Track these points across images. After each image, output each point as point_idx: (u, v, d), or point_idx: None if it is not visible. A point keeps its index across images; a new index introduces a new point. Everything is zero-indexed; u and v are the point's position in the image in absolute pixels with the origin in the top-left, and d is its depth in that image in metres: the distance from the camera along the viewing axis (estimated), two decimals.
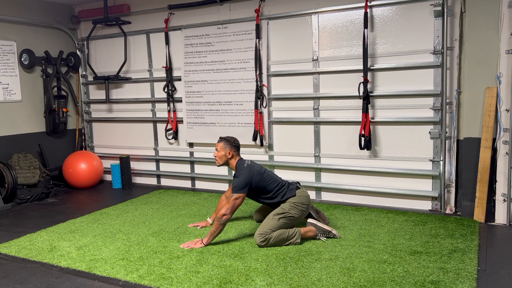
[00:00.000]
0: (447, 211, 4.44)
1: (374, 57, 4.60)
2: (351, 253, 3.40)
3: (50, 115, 6.20)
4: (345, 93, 4.75)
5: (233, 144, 3.82)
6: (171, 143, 6.02)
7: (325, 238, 3.72)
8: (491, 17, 3.97)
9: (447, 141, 4.40)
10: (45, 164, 6.08)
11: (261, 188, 3.72)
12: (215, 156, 3.85)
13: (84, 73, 6.63)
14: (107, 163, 6.44)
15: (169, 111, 5.86)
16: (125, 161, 6.00)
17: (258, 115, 5.19)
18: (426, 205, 4.55)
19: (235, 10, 5.30)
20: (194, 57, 5.60)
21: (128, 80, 6.15)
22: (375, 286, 2.86)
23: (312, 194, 5.12)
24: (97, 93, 6.58)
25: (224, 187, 5.65)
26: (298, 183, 3.92)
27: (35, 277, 3.20)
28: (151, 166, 6.25)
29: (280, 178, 3.90)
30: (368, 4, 4.49)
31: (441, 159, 4.40)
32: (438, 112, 4.36)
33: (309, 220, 3.81)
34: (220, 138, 3.88)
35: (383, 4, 4.50)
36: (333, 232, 3.74)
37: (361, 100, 4.56)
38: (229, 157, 3.79)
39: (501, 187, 4.09)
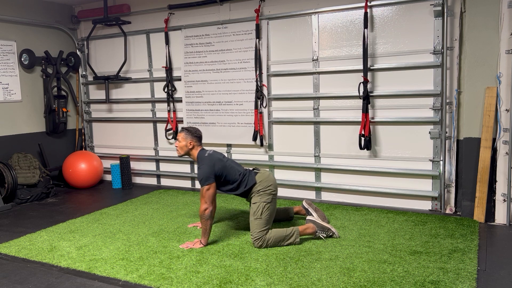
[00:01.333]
0: (447, 211, 4.44)
1: (374, 57, 4.60)
2: (351, 253, 3.40)
3: (50, 115, 6.20)
4: (345, 93, 4.76)
5: (194, 134, 3.78)
6: (171, 143, 6.02)
7: (324, 235, 3.71)
8: (491, 17, 3.97)
9: (447, 141, 4.40)
10: (45, 164, 6.08)
11: (224, 178, 3.68)
12: (176, 146, 3.81)
13: (84, 73, 6.63)
14: (107, 163, 6.44)
15: (169, 111, 5.86)
16: (125, 161, 6.00)
17: (258, 115, 5.19)
18: (426, 205, 4.55)
19: (235, 10, 5.30)
20: (194, 57, 5.60)
21: (128, 80, 6.15)
22: (375, 286, 2.86)
23: (312, 194, 5.12)
24: (97, 93, 6.58)
25: None
26: (256, 168, 3.89)
27: (35, 277, 3.20)
28: (151, 166, 6.25)
29: (242, 167, 3.86)
30: (368, 4, 4.49)
31: (441, 159, 4.40)
32: (438, 112, 4.37)
33: (308, 217, 3.81)
34: (182, 128, 3.85)
35: (383, 4, 4.50)
36: (332, 229, 3.74)
37: (361, 100, 4.56)
38: (190, 147, 3.75)
39: (501, 187, 4.09)
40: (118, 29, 6.05)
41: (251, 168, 3.90)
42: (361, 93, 4.54)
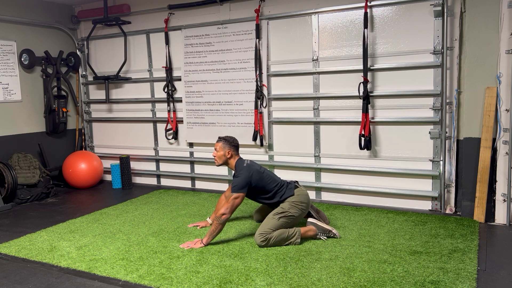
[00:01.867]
0: (447, 211, 4.44)
1: (374, 57, 4.60)
2: (351, 253, 3.40)
3: (50, 115, 6.20)
4: (345, 93, 4.76)
5: (232, 143, 3.82)
6: (171, 143, 6.02)
7: (325, 237, 3.72)
8: (491, 17, 3.97)
9: (447, 141, 4.40)
10: (45, 164, 6.08)
11: (260, 188, 3.72)
12: (214, 156, 3.84)
13: (84, 73, 6.63)
14: (107, 163, 6.44)
15: (169, 111, 5.86)
16: (125, 161, 6.00)
17: (258, 115, 5.19)
18: (426, 205, 4.55)
19: (235, 10, 5.30)
20: (194, 57, 5.60)
21: (128, 80, 6.15)
22: (375, 286, 2.86)
23: (312, 194, 5.12)
24: (97, 93, 6.58)
25: (224, 187, 5.65)
26: (297, 182, 3.92)
27: (35, 277, 3.20)
28: (151, 166, 6.25)
29: (279, 178, 3.90)
30: (368, 4, 4.49)
31: (441, 159, 4.40)
32: (438, 112, 4.37)
33: (309, 219, 3.81)
34: (219, 138, 3.87)
35: (383, 4, 4.50)
36: (333, 231, 3.74)
37: (361, 100, 4.56)
38: (228, 156, 3.79)
39: (501, 187, 4.09)
40: (118, 29, 6.05)
41: (290, 180, 3.93)
42: (361, 93, 4.54)
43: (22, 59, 5.90)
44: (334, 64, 4.82)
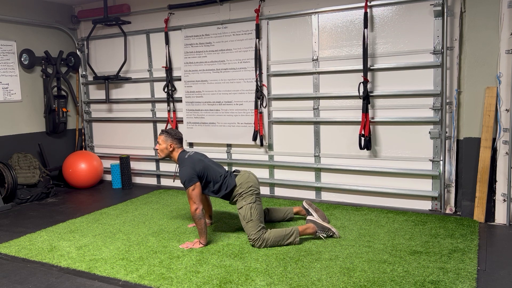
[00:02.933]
0: (447, 211, 4.44)
1: (374, 57, 4.60)
2: (351, 253, 3.40)
3: (50, 115, 6.20)
4: (345, 93, 4.76)
5: (175, 136, 3.78)
6: None
7: (325, 235, 3.71)
8: (491, 17, 3.97)
9: (447, 141, 4.41)
10: (45, 164, 6.08)
11: (205, 179, 3.68)
12: (157, 149, 3.81)
13: (84, 73, 6.63)
14: (107, 163, 6.44)
15: (169, 111, 5.86)
16: (125, 161, 6.00)
17: (258, 115, 5.19)
18: (426, 205, 4.55)
19: (235, 10, 5.30)
20: (194, 57, 5.60)
21: (128, 80, 6.15)
22: (375, 286, 2.86)
23: (312, 194, 5.12)
24: (97, 93, 6.58)
25: None
26: (236, 170, 3.90)
27: (35, 277, 3.20)
28: (151, 166, 6.25)
29: (223, 169, 3.86)
30: (368, 4, 4.49)
31: (441, 159, 4.40)
32: (438, 112, 4.37)
33: (309, 217, 3.81)
34: (162, 130, 3.84)
35: (383, 4, 4.50)
36: (332, 229, 3.74)
37: (361, 100, 4.56)
38: (170, 149, 3.76)
39: (501, 187, 4.09)
40: (118, 29, 6.05)
41: (231, 170, 3.90)
42: (361, 93, 4.54)
43: (22, 59, 5.90)
44: (334, 64, 4.82)
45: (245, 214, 3.63)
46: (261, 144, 5.26)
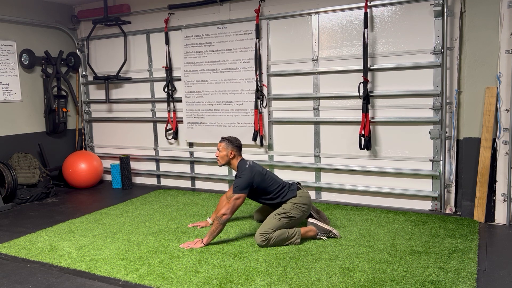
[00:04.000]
0: (447, 211, 4.44)
1: (374, 57, 4.60)
2: (351, 253, 3.40)
3: (50, 115, 6.20)
4: (345, 93, 4.76)
5: (235, 144, 3.82)
6: (171, 143, 6.02)
7: (325, 237, 3.72)
8: (491, 17, 3.97)
9: (447, 141, 4.40)
10: (45, 164, 6.08)
11: (262, 189, 3.72)
12: (217, 156, 3.84)
13: (84, 73, 6.63)
14: (107, 163, 6.44)
15: (169, 111, 5.86)
16: (125, 161, 6.00)
17: (258, 115, 5.19)
18: (426, 205, 4.55)
19: (235, 10, 5.30)
20: (194, 57, 5.60)
21: (128, 80, 6.15)
22: (375, 286, 2.86)
23: (312, 194, 5.11)
24: (97, 93, 6.58)
25: (224, 187, 5.65)
26: (299, 183, 3.92)
27: (35, 277, 3.20)
28: (151, 166, 6.25)
29: (281, 179, 3.90)
30: (368, 4, 4.49)
31: (441, 159, 4.40)
32: (438, 112, 4.37)
33: (310, 219, 3.81)
34: (222, 138, 3.87)
35: (383, 4, 4.50)
36: (333, 231, 3.74)
37: (361, 100, 4.56)
38: (230, 157, 3.80)
39: (501, 187, 4.09)
40: (118, 29, 6.05)
41: (292, 181, 3.92)
42: (361, 93, 4.54)
43: (22, 59, 5.90)
44: (334, 64, 4.82)
45: (280, 213, 3.67)
46: (261, 144, 5.26)
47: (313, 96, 4.95)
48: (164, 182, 6.19)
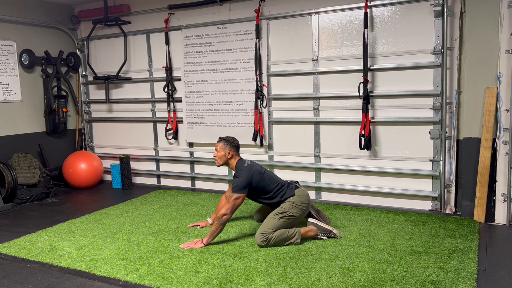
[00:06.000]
0: (447, 211, 4.44)
1: (374, 57, 4.60)
2: (351, 253, 3.40)
3: (50, 115, 6.20)
4: (345, 93, 4.76)
5: (233, 144, 3.82)
6: (171, 143, 6.02)
7: (326, 237, 3.72)
8: (491, 17, 3.97)
9: (447, 141, 4.41)
10: (45, 164, 6.08)
11: (261, 188, 3.72)
12: (215, 156, 3.84)
13: (84, 73, 6.63)
14: (107, 163, 6.44)
15: (169, 111, 5.86)
16: (125, 161, 6.00)
17: (258, 115, 5.19)
18: (426, 205, 4.55)
19: (235, 10, 5.30)
20: (194, 57, 5.60)
21: (128, 80, 6.16)
22: (375, 286, 2.86)
23: (312, 194, 5.11)
24: (97, 93, 6.58)
25: (224, 187, 5.65)
26: (297, 182, 3.92)
27: (35, 277, 3.20)
28: (151, 166, 6.25)
29: (280, 178, 3.90)
30: (368, 4, 4.49)
31: (441, 159, 4.40)
32: (438, 112, 4.37)
33: (310, 219, 3.81)
34: (220, 138, 3.87)
35: (383, 4, 4.50)
36: (333, 231, 3.74)
37: (361, 100, 4.56)
38: (228, 157, 3.79)
39: (501, 187, 4.09)
40: (118, 29, 6.05)
41: (290, 180, 3.92)
42: (361, 93, 4.54)
43: (22, 59, 5.90)
44: (334, 64, 4.82)
45: (280, 212, 3.66)
46: (261, 144, 5.26)
47: (313, 96, 4.95)
48: (164, 182, 6.19)
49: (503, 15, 3.91)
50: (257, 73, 5.12)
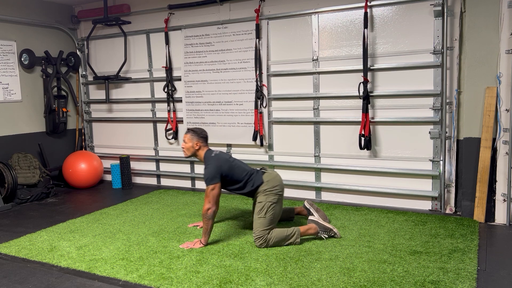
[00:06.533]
0: (447, 211, 4.44)
1: (374, 57, 4.60)
2: (351, 253, 3.40)
3: (50, 115, 6.20)
4: (345, 93, 4.76)
5: (201, 135, 3.79)
6: (171, 143, 6.02)
7: (326, 236, 3.71)
8: (491, 17, 3.97)
9: (447, 141, 4.41)
10: (45, 164, 6.08)
11: (230, 177, 3.69)
12: (183, 148, 3.82)
13: (84, 73, 6.63)
14: (107, 163, 6.44)
15: (169, 111, 5.86)
16: (125, 161, 6.00)
17: (258, 115, 5.19)
18: (426, 205, 4.55)
19: (235, 10, 5.30)
20: (194, 57, 5.60)
21: (128, 80, 6.16)
22: (375, 286, 2.86)
23: (312, 194, 5.12)
24: (97, 93, 6.58)
25: None
26: (263, 168, 3.90)
27: (35, 277, 3.20)
28: (151, 166, 6.25)
29: (249, 167, 3.87)
30: (368, 4, 4.49)
31: (441, 159, 4.40)
32: (438, 112, 4.37)
33: (310, 217, 3.81)
34: (188, 129, 3.85)
35: (383, 4, 4.50)
36: (334, 230, 3.74)
37: (361, 100, 4.56)
38: (196, 148, 3.76)
39: (501, 187, 4.09)
40: (118, 29, 6.05)
41: (258, 168, 3.90)
42: (361, 93, 4.54)
43: (22, 59, 5.90)
44: (334, 64, 4.82)
45: (261, 209, 3.64)
46: (261, 144, 5.26)
47: (313, 96, 4.95)
48: (164, 182, 6.19)
49: (503, 15, 3.91)
50: (257, 73, 5.12)
